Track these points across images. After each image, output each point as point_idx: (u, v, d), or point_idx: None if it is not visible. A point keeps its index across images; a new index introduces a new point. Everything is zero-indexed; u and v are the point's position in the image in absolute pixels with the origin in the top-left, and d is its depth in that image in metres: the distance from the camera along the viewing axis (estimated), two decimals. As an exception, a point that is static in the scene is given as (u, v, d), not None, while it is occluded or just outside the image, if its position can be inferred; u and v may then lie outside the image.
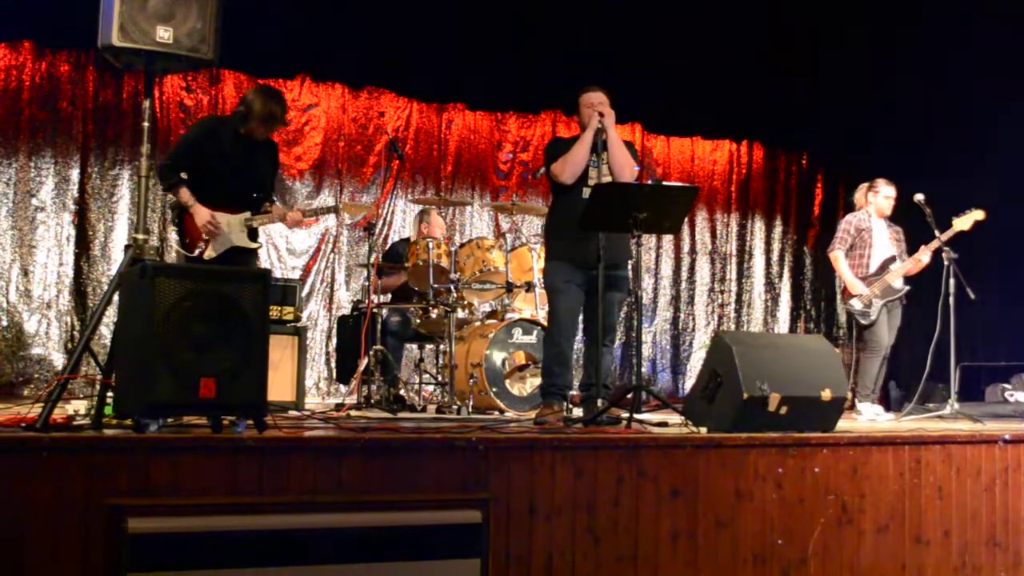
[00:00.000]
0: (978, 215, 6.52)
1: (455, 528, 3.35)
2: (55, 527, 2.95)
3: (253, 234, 5.08)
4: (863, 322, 6.61)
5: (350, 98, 8.92)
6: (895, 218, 6.94)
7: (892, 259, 6.66)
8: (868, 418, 6.34)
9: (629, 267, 5.10)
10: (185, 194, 4.83)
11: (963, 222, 6.50)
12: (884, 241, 6.75)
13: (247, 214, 5.02)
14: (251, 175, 5.00)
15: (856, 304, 6.63)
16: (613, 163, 4.96)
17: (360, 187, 8.92)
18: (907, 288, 6.69)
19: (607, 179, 4.95)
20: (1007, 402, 7.93)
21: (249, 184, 5.01)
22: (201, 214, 4.84)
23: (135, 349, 3.37)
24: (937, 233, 6.41)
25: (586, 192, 4.94)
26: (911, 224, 6.80)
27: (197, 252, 4.88)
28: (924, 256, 6.58)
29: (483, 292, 6.74)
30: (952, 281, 6.16)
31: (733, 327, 10.29)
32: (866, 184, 6.93)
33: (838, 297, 6.81)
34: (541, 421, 4.74)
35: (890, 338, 6.69)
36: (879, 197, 6.80)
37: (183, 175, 4.86)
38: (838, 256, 6.78)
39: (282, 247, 8.62)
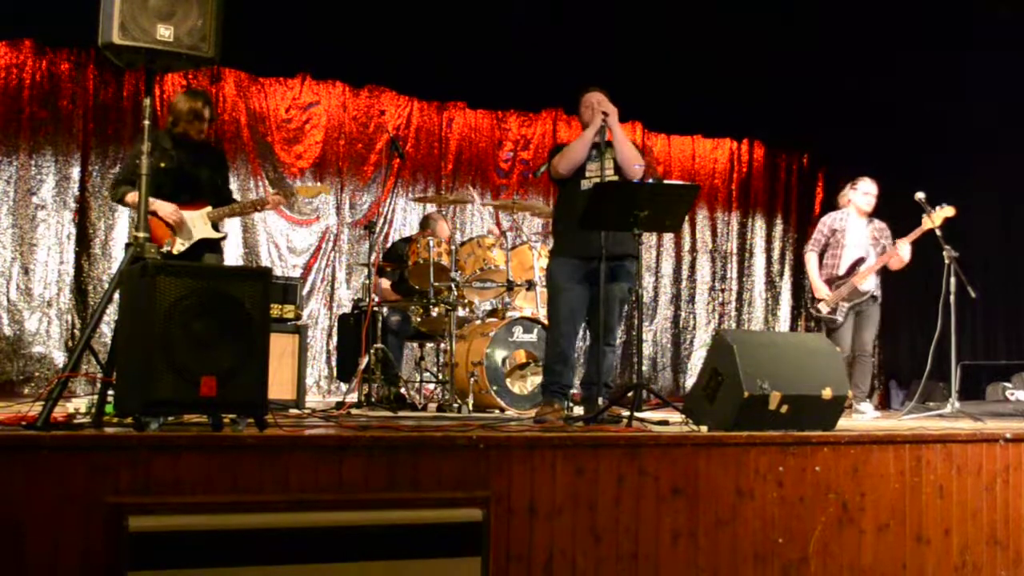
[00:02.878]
0: (948, 211, 6.44)
1: (456, 526, 3.35)
2: (56, 526, 2.95)
3: (216, 226, 5.18)
4: (830, 326, 6.65)
5: (351, 96, 8.92)
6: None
7: (861, 260, 6.68)
8: (871, 416, 6.37)
9: (634, 263, 5.09)
10: (134, 197, 4.89)
11: (934, 219, 6.47)
12: (858, 242, 6.75)
13: (208, 208, 5.12)
14: (198, 178, 5.14)
15: (822, 308, 6.70)
16: (620, 158, 4.99)
17: (361, 185, 8.93)
18: (874, 290, 6.70)
19: (608, 172, 4.96)
20: (1008, 401, 7.92)
21: (198, 187, 5.14)
22: (164, 206, 4.95)
23: (136, 347, 3.37)
24: (938, 233, 6.37)
25: (584, 184, 4.96)
26: (912, 223, 6.77)
27: (165, 249, 4.95)
28: (902, 250, 6.57)
29: (484, 290, 6.75)
30: (953, 280, 6.15)
31: (734, 326, 10.30)
32: (850, 182, 6.94)
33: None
34: (541, 419, 4.74)
35: (865, 338, 6.72)
36: (858, 194, 6.81)
37: (128, 185, 4.99)
38: (810, 258, 6.87)
39: (283, 245, 8.63)
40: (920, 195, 6.46)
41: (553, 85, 8.40)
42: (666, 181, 7.30)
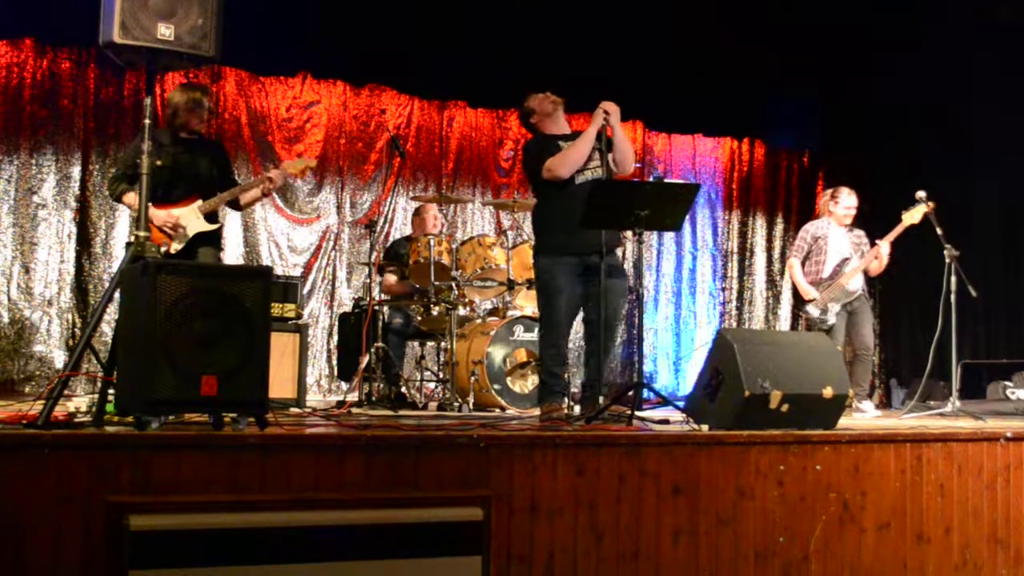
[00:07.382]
0: (927, 206, 6.41)
1: (456, 525, 3.35)
2: (56, 525, 2.95)
3: (211, 217, 5.17)
4: (822, 327, 6.65)
5: (351, 95, 8.91)
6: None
7: (846, 261, 6.70)
8: (872, 415, 6.37)
9: (619, 253, 5.06)
10: (132, 198, 4.90)
11: (912, 215, 6.48)
12: (841, 246, 6.80)
13: (199, 202, 5.11)
14: (197, 172, 5.14)
15: (812, 310, 6.76)
16: (618, 156, 4.97)
17: (361, 184, 8.92)
18: (861, 290, 6.72)
19: (598, 171, 4.93)
20: (1008, 400, 7.91)
21: (196, 181, 5.13)
22: (158, 215, 4.95)
23: (137, 346, 3.37)
24: (939, 236, 6.34)
25: (579, 179, 4.93)
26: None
27: (163, 249, 4.94)
28: (883, 248, 6.60)
29: (484, 289, 6.74)
30: (953, 279, 6.15)
31: (735, 325, 10.29)
32: (830, 191, 7.00)
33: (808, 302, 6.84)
34: (545, 419, 4.73)
35: (865, 336, 6.74)
36: (839, 208, 6.84)
37: (127, 183, 5.00)
38: (793, 264, 6.92)
39: (283, 244, 8.63)
40: (921, 194, 6.47)
41: (554, 85, 8.38)
42: (667, 180, 7.31)
